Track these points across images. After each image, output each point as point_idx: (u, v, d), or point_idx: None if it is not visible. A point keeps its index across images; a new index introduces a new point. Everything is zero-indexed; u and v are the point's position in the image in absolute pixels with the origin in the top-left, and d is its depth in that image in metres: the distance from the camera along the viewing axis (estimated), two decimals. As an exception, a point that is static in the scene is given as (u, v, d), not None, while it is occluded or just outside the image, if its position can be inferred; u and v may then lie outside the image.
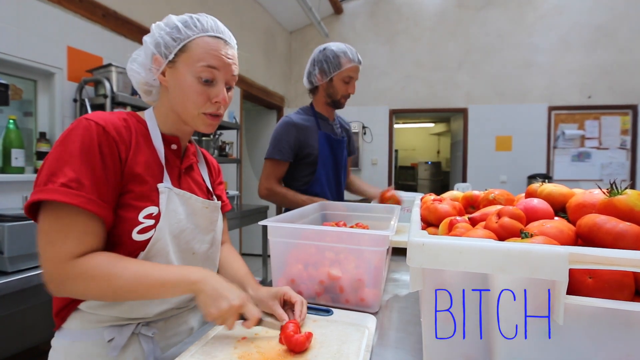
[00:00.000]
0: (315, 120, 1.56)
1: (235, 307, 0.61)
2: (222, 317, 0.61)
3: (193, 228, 0.77)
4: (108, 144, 0.63)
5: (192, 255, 0.77)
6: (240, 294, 0.64)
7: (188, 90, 0.70)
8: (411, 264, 0.44)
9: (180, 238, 0.74)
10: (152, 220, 0.67)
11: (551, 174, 4.39)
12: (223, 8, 3.49)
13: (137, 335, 0.71)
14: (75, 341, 0.68)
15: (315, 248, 0.83)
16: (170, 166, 0.76)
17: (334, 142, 1.59)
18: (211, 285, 0.62)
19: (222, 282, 0.64)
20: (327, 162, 1.57)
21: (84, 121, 0.62)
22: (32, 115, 1.94)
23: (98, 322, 0.69)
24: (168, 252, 0.70)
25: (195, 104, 0.71)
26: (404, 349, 0.66)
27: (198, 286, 0.62)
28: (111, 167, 0.63)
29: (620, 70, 4.19)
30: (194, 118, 0.73)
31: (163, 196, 0.70)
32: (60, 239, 0.58)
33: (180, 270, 0.64)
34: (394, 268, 1.19)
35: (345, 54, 1.47)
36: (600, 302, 0.38)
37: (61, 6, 1.94)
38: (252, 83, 4.05)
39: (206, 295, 0.61)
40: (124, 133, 0.67)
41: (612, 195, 0.52)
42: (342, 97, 1.54)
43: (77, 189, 0.57)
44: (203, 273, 0.64)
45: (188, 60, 0.70)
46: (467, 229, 0.65)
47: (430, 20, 4.70)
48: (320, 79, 1.51)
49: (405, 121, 8.24)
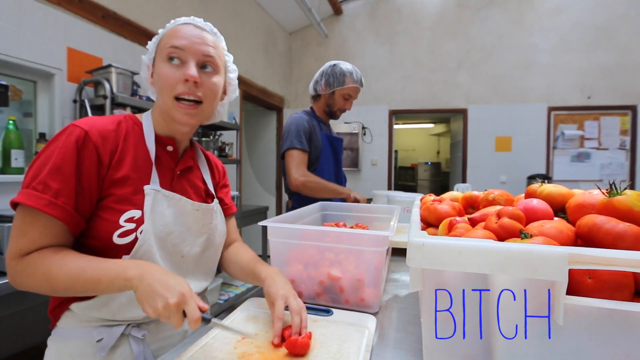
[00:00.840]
0: (317, 123, 1.73)
1: (172, 305, 0.54)
2: (161, 315, 0.55)
3: (182, 230, 0.75)
4: (87, 149, 0.63)
5: (182, 258, 0.76)
6: (180, 291, 0.56)
7: (161, 76, 0.71)
8: (411, 265, 0.44)
9: (167, 241, 0.73)
10: (133, 224, 0.66)
11: (551, 175, 4.39)
12: (223, 9, 3.49)
13: (127, 336, 0.70)
14: (67, 340, 0.69)
15: (315, 248, 0.83)
16: (164, 168, 0.76)
17: (334, 141, 1.78)
18: (147, 282, 0.56)
19: (161, 278, 0.58)
20: (329, 160, 1.73)
21: (71, 127, 0.64)
22: (32, 116, 1.94)
23: (88, 321, 0.69)
24: (154, 255, 0.69)
25: (167, 87, 0.70)
26: (404, 349, 0.66)
27: (133, 283, 0.58)
28: (86, 173, 0.63)
29: (620, 71, 4.19)
30: (170, 108, 0.71)
31: (148, 198, 0.69)
32: (17, 237, 0.61)
33: (118, 266, 0.60)
34: (394, 268, 1.19)
35: (350, 75, 1.66)
36: (599, 302, 0.38)
37: (61, 7, 1.94)
38: (252, 84, 4.05)
39: (141, 293, 0.56)
40: (110, 138, 0.67)
41: (611, 195, 0.52)
42: (338, 110, 1.73)
43: (42, 192, 0.59)
44: (141, 268, 0.59)
45: (159, 51, 0.73)
46: (466, 230, 0.65)
47: (430, 20, 4.70)
48: (324, 89, 1.70)
49: (405, 122, 8.24)
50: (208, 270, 0.85)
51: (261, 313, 0.77)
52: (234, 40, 3.64)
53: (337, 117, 1.77)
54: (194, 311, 0.56)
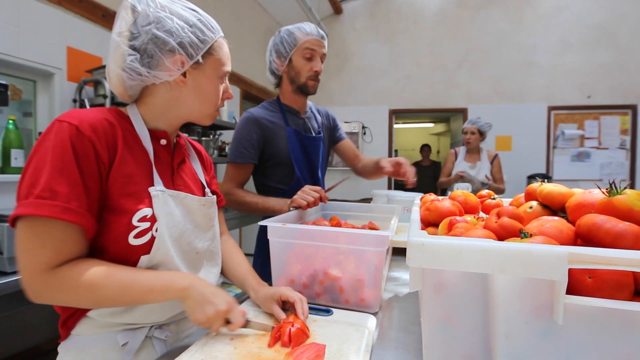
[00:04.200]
0: (282, 116, 1.36)
1: (221, 312, 0.62)
2: (209, 321, 0.62)
3: (192, 228, 0.75)
4: (82, 145, 0.58)
5: (196, 254, 0.76)
6: (227, 299, 0.64)
7: (213, 91, 0.73)
8: (411, 264, 0.44)
9: (182, 240, 0.72)
10: (147, 222, 0.64)
11: (551, 174, 4.39)
12: (223, 8, 3.49)
13: (151, 338, 0.70)
14: (86, 347, 0.66)
15: (315, 248, 0.83)
16: (162, 163, 0.73)
17: (305, 139, 1.37)
18: (198, 291, 0.62)
19: (209, 287, 0.64)
20: (300, 162, 1.37)
21: (57, 124, 0.58)
22: (32, 116, 1.94)
23: (110, 326, 0.67)
24: (172, 257, 0.68)
25: (217, 104, 0.75)
26: (404, 349, 0.66)
27: (186, 292, 0.62)
28: (88, 170, 0.59)
29: (620, 70, 4.19)
30: (207, 116, 0.76)
31: (156, 200, 0.66)
32: (36, 249, 0.56)
33: (168, 277, 0.63)
34: (394, 268, 1.19)
35: (300, 29, 1.28)
36: (599, 302, 0.38)
37: (61, 6, 1.94)
38: (251, 83, 4.05)
39: (193, 301, 0.62)
40: (104, 130, 0.62)
41: (611, 195, 0.52)
42: (307, 79, 1.31)
43: (51, 199, 0.54)
44: (190, 279, 0.64)
45: (215, 63, 0.72)
46: (466, 229, 0.65)
47: (430, 20, 4.70)
48: (279, 64, 1.32)
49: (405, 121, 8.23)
50: (217, 259, 0.85)
51: (261, 313, 0.77)
52: (234, 39, 3.63)
53: (311, 88, 1.33)
54: (239, 317, 0.65)
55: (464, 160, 3.08)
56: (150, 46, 0.64)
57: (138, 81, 0.67)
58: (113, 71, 0.67)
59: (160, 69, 0.65)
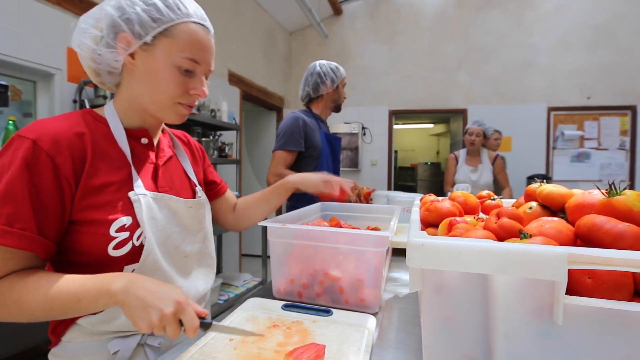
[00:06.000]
0: (316, 122, 1.82)
1: (168, 315, 0.50)
2: (156, 330, 0.51)
3: (179, 231, 0.72)
4: (39, 163, 0.55)
5: (185, 258, 0.74)
6: (174, 297, 0.52)
7: (165, 79, 0.63)
8: (411, 265, 0.44)
9: (168, 245, 0.69)
10: (126, 232, 0.61)
11: (550, 175, 4.39)
12: (223, 8, 3.49)
13: (143, 345, 0.68)
14: (76, 355, 0.64)
15: (315, 248, 0.83)
16: (143, 164, 0.69)
17: (332, 139, 1.88)
18: (135, 295, 0.51)
19: (149, 287, 0.52)
20: (328, 158, 1.82)
21: (16, 139, 0.56)
22: (32, 116, 1.94)
23: (101, 334, 0.65)
24: (161, 264, 0.66)
25: (171, 95, 0.65)
26: (404, 349, 0.66)
27: (119, 298, 0.51)
28: (44, 189, 0.55)
29: (620, 71, 4.19)
30: (164, 109, 0.67)
31: (137, 205, 0.63)
32: None
33: (97, 282, 0.53)
34: (394, 268, 1.19)
35: (338, 67, 1.84)
36: (599, 302, 0.38)
37: (61, 7, 1.94)
38: (251, 84, 4.05)
39: (131, 308, 0.51)
40: (68, 143, 0.58)
41: (611, 195, 0.52)
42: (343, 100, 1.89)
43: None
44: (124, 281, 0.52)
45: (169, 48, 0.62)
46: (466, 230, 0.65)
47: (430, 21, 4.70)
48: (329, 87, 1.80)
49: (404, 122, 8.24)
50: (211, 262, 0.83)
51: (261, 313, 0.77)
52: (234, 39, 3.63)
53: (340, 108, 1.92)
54: (192, 319, 0.52)
55: (465, 164, 3.07)
56: (103, 23, 0.62)
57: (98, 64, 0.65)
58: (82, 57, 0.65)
59: (108, 47, 0.62)
